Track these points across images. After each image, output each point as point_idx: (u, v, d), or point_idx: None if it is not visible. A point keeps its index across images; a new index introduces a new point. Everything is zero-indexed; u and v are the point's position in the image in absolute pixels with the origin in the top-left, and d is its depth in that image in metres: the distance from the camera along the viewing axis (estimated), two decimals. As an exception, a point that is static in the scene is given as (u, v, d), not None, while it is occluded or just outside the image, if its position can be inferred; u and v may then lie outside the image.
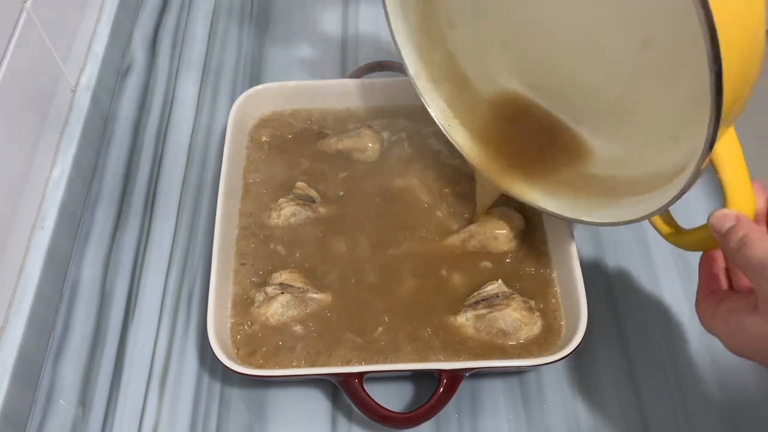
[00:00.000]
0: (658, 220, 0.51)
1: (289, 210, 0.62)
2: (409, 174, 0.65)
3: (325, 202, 0.63)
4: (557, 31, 0.52)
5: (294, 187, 0.64)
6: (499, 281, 0.57)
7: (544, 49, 0.54)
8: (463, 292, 0.58)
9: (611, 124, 0.53)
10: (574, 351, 0.51)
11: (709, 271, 0.46)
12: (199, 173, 0.69)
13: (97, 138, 0.71)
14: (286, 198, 0.63)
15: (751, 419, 0.54)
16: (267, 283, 0.58)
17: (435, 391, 0.51)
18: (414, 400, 0.56)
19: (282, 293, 0.56)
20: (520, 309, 0.55)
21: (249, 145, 0.67)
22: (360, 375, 0.52)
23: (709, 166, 0.42)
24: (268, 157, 0.66)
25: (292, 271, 0.58)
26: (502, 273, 0.59)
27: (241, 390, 0.57)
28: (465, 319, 0.56)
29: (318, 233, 0.62)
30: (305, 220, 0.62)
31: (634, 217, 0.49)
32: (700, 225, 0.46)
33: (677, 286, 0.61)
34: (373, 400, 0.51)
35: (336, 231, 0.62)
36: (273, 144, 0.67)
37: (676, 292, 0.60)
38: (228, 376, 0.57)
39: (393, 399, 0.55)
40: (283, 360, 0.55)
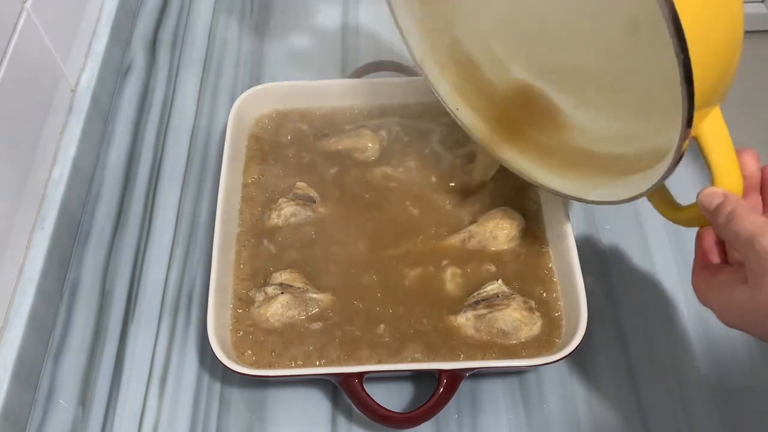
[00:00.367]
0: (655, 197, 0.51)
1: (289, 210, 0.62)
2: (409, 174, 0.65)
3: (325, 202, 0.63)
4: (549, 16, 0.54)
5: (294, 187, 0.64)
6: (499, 281, 0.57)
7: (540, 35, 0.55)
8: (463, 292, 0.58)
9: (606, 104, 0.54)
10: (574, 351, 0.51)
11: (705, 246, 0.47)
12: (199, 173, 0.69)
13: (97, 138, 0.71)
14: (286, 198, 0.63)
15: (753, 422, 0.54)
16: (267, 283, 0.58)
17: (435, 391, 0.51)
18: (414, 400, 0.56)
19: (282, 293, 0.56)
20: (520, 309, 0.55)
21: (249, 145, 0.67)
22: (360, 375, 0.52)
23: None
24: (268, 157, 0.66)
25: (292, 271, 0.58)
26: (502, 273, 0.59)
27: (241, 390, 0.57)
28: (465, 319, 0.56)
29: (318, 233, 0.61)
30: (305, 220, 0.62)
31: (629, 196, 0.49)
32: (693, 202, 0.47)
33: (678, 287, 0.61)
34: (373, 400, 0.51)
35: (336, 231, 0.62)
36: (273, 144, 0.67)
37: (676, 292, 0.60)
38: (228, 376, 0.57)
39: (393, 399, 0.55)
40: (283, 360, 0.54)
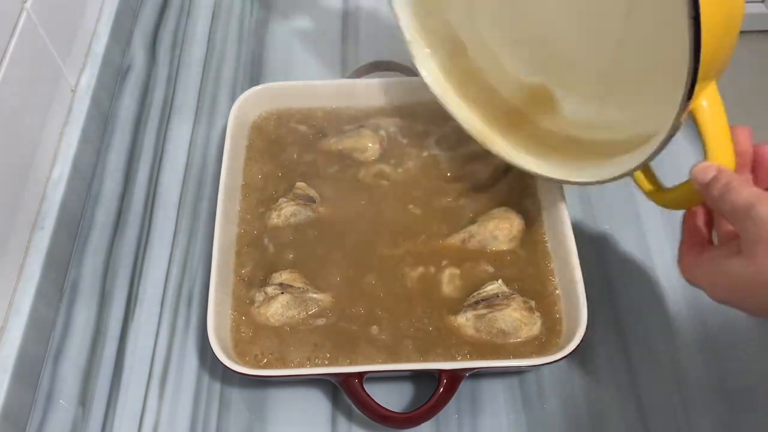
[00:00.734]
0: (641, 177, 0.52)
1: (289, 210, 0.62)
2: (409, 174, 0.65)
3: (325, 202, 0.63)
4: (544, 5, 0.54)
5: (294, 187, 0.64)
6: (499, 281, 0.57)
7: (533, 21, 0.56)
8: (463, 292, 0.58)
9: (599, 91, 0.54)
10: (574, 351, 0.51)
11: (691, 226, 0.48)
12: (199, 173, 0.69)
13: (97, 138, 0.71)
14: (286, 198, 0.63)
15: (753, 421, 0.54)
16: (267, 283, 0.57)
17: (435, 391, 0.51)
18: (414, 400, 0.56)
19: (282, 293, 0.56)
20: (520, 309, 0.55)
21: (249, 145, 0.67)
22: (360, 375, 0.52)
23: (688, 120, 0.43)
24: (268, 157, 0.66)
25: (292, 271, 0.58)
26: (502, 273, 0.58)
27: (241, 390, 0.57)
28: (465, 319, 0.55)
29: (318, 233, 0.61)
30: (305, 220, 0.62)
31: (617, 174, 0.50)
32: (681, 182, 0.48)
33: (678, 287, 0.61)
34: (373, 400, 0.51)
35: (336, 231, 0.62)
36: (273, 144, 0.67)
37: (677, 292, 0.60)
38: (228, 376, 0.57)
39: (393, 399, 0.55)
40: (283, 360, 0.54)
